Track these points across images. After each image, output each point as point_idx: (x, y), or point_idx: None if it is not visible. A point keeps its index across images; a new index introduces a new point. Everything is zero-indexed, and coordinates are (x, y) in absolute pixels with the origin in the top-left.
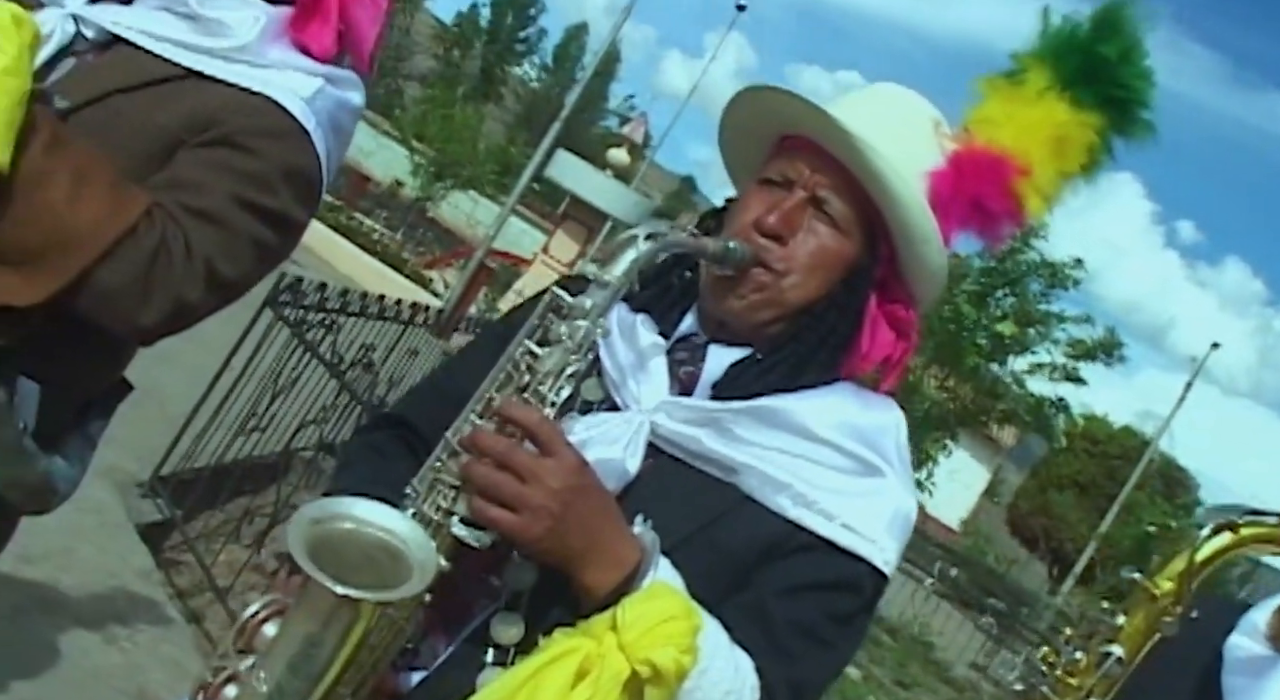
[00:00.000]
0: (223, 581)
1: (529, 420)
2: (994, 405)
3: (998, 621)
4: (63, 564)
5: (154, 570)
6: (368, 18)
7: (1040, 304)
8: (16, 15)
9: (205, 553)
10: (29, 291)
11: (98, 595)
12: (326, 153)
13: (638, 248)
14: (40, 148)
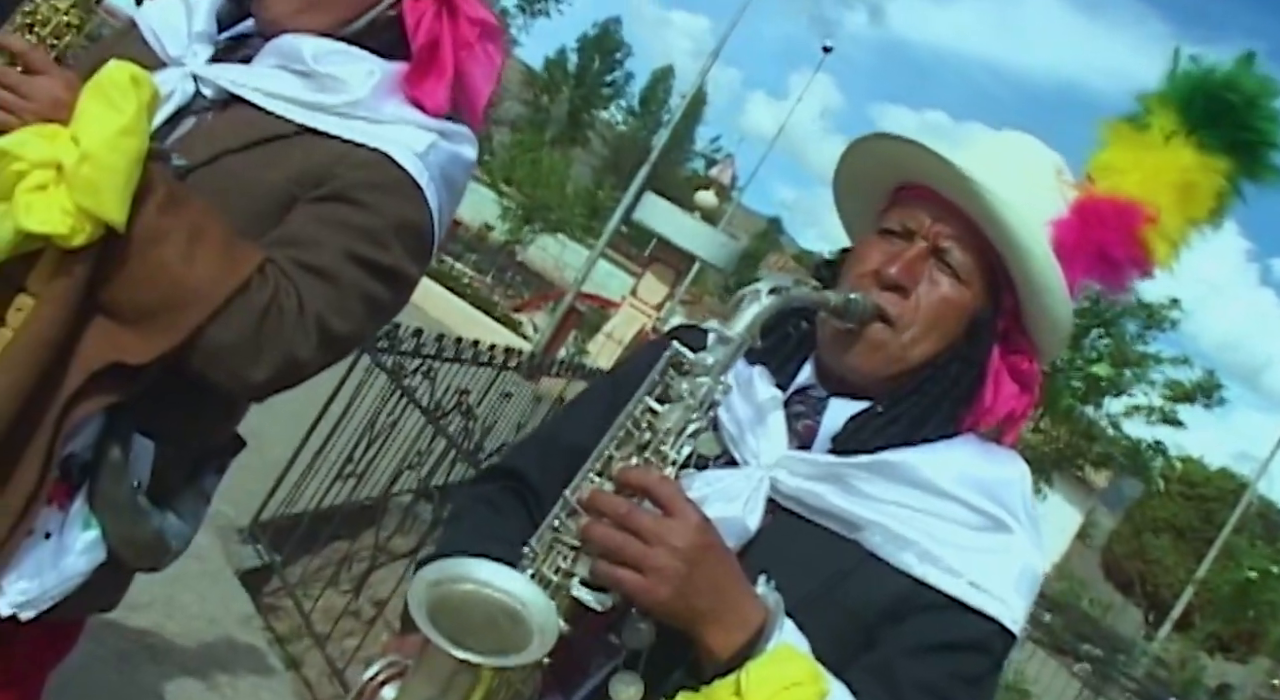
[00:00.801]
0: (321, 627)
1: (650, 481)
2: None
3: (1094, 668)
4: (166, 611)
5: (254, 616)
6: (482, 73)
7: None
8: (135, 76)
9: (303, 598)
10: (143, 349)
11: (200, 641)
12: (439, 207)
13: (760, 303)
14: (156, 206)
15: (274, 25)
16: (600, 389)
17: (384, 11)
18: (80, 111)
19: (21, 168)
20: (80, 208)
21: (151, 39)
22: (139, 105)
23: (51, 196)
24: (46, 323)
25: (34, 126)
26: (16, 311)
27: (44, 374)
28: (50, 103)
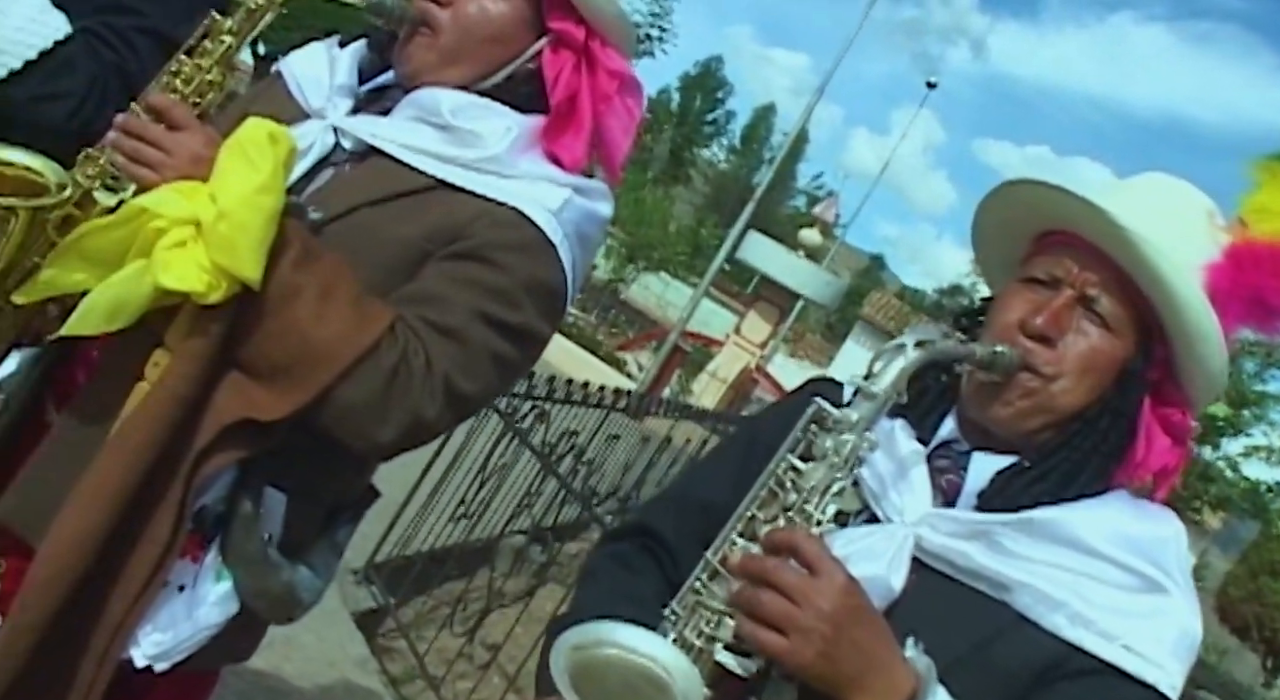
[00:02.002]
0: (435, 670)
1: (795, 541)
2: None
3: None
4: (285, 652)
5: (369, 658)
6: (620, 126)
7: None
8: (273, 133)
9: (417, 640)
10: (275, 406)
11: (317, 683)
12: (572, 264)
13: (906, 357)
14: (290, 263)
15: (414, 78)
16: (733, 444)
17: (523, 65)
18: (219, 169)
19: (161, 225)
20: (217, 265)
21: (295, 90)
22: (276, 163)
23: (189, 254)
24: (181, 377)
25: (174, 184)
26: (153, 366)
27: (178, 428)
28: (190, 159)
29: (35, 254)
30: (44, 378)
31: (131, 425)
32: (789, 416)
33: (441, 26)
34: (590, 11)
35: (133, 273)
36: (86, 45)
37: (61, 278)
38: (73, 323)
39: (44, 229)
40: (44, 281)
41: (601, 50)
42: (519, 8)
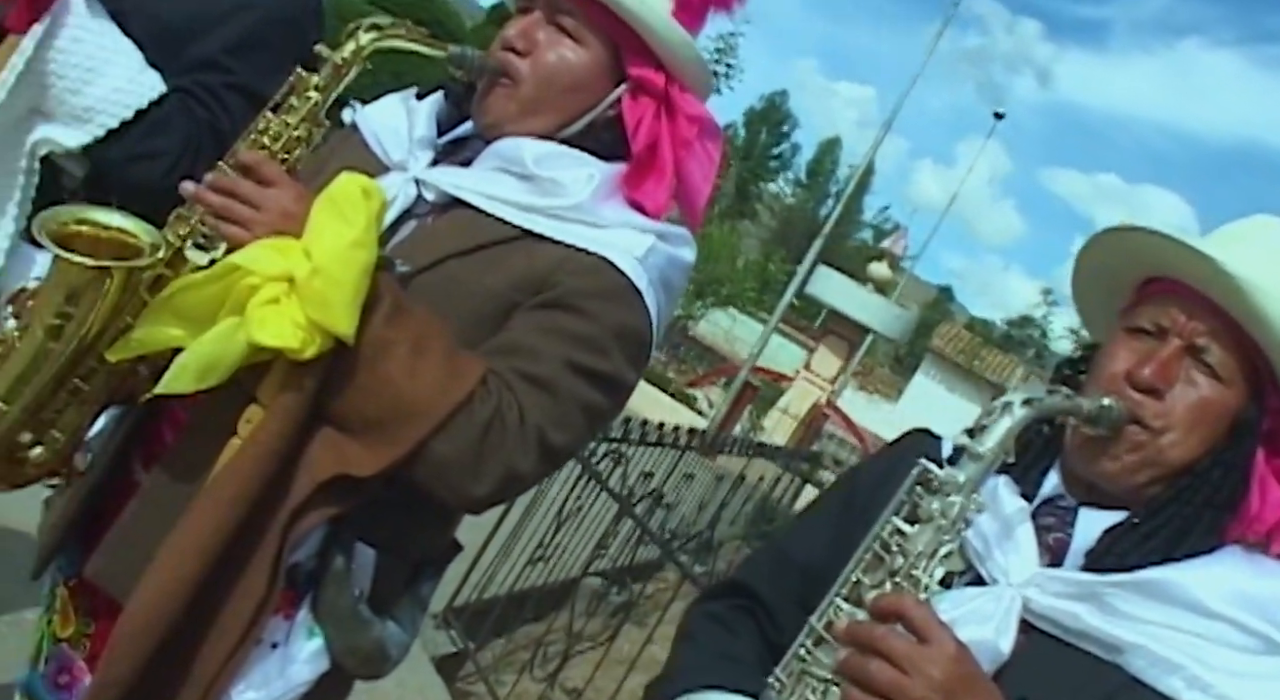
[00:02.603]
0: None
1: (904, 607)
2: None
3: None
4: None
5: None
6: (701, 171)
7: None
8: (366, 188)
9: (497, 684)
10: (368, 462)
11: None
12: (657, 310)
13: (1013, 416)
14: (382, 318)
15: (494, 128)
16: (829, 501)
17: (603, 112)
18: (312, 224)
19: (255, 281)
20: (311, 321)
21: (373, 143)
22: (369, 217)
23: (284, 310)
24: (274, 434)
25: (267, 240)
26: (246, 422)
27: (271, 484)
28: (281, 214)
29: (128, 314)
30: (130, 436)
31: (224, 479)
32: (886, 473)
33: (522, 76)
34: (669, 57)
35: (226, 330)
36: (180, 104)
37: (154, 336)
38: (167, 381)
39: (137, 289)
40: (137, 340)
41: (680, 95)
42: (598, 55)
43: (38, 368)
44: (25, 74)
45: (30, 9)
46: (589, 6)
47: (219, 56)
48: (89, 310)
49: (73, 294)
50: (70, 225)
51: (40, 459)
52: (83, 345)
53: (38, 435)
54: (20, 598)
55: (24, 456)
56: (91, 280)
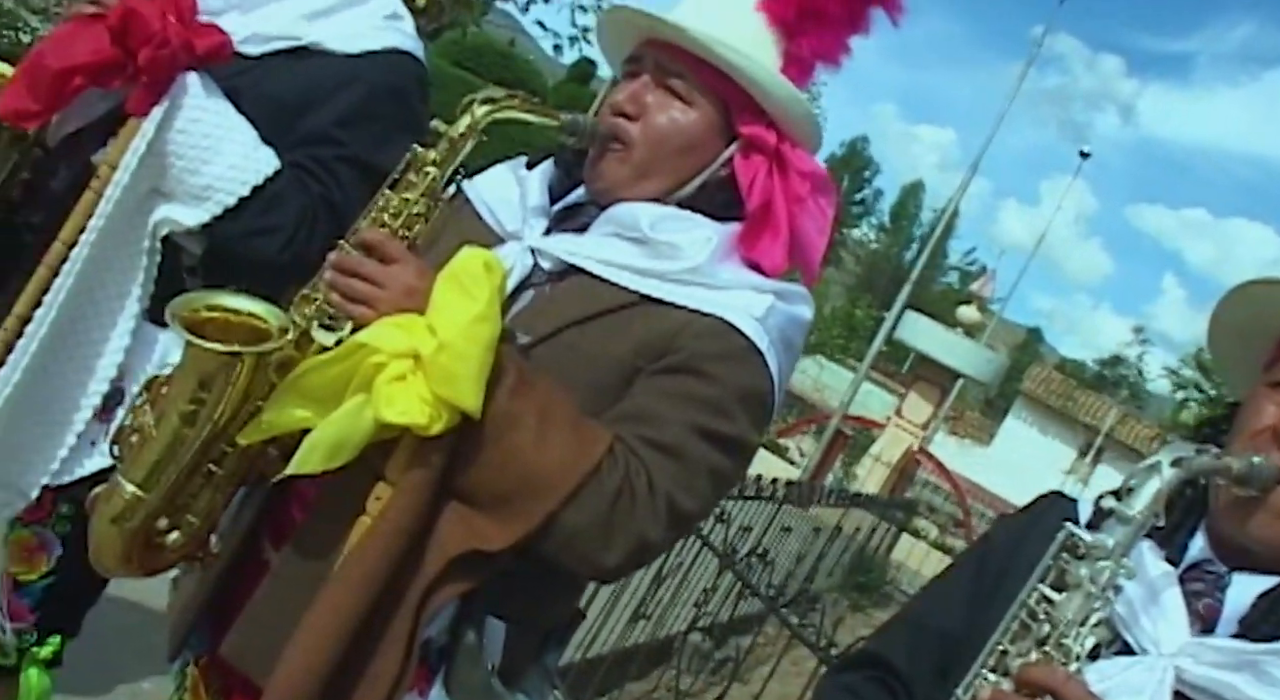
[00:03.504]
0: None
1: (1055, 681)
2: None
3: None
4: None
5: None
6: (815, 227)
7: None
8: (488, 261)
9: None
10: (499, 536)
11: None
12: (779, 371)
13: (1162, 476)
14: (508, 391)
15: (607, 194)
16: (962, 567)
17: (715, 173)
18: (435, 300)
19: (380, 359)
20: (438, 397)
21: (485, 213)
22: (492, 291)
23: (410, 387)
24: (404, 511)
25: (391, 318)
26: (375, 500)
27: (402, 561)
28: (404, 292)
29: (258, 397)
30: (260, 516)
31: (355, 559)
32: (1021, 536)
33: (633, 140)
34: (779, 114)
35: (353, 408)
36: (294, 178)
37: (284, 417)
38: (298, 461)
39: (266, 372)
40: (267, 422)
41: (792, 151)
42: (708, 116)
43: (174, 454)
44: (146, 156)
45: (150, 92)
46: (698, 67)
47: (330, 130)
48: (221, 395)
49: (205, 380)
50: (201, 312)
51: (177, 544)
52: (215, 429)
53: (174, 520)
54: (137, 669)
55: (162, 542)
56: (223, 366)
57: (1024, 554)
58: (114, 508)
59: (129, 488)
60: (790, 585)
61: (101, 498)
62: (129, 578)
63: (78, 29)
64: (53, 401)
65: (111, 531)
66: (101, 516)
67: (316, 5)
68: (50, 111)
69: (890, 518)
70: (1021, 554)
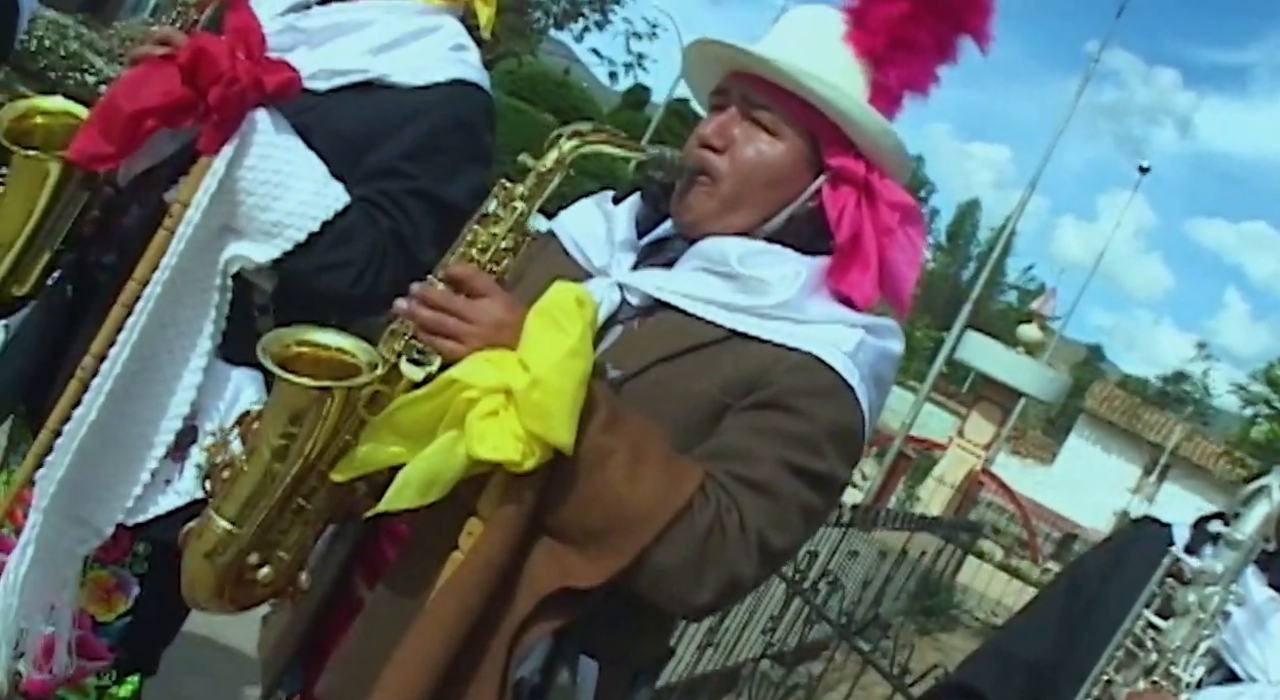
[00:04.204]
0: None
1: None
2: None
3: None
4: None
5: None
6: (906, 259)
7: None
8: (580, 296)
9: None
10: (591, 572)
11: None
12: (869, 406)
13: (1271, 500)
14: (599, 427)
15: (695, 227)
16: (1052, 596)
17: (803, 205)
18: (527, 335)
19: (472, 395)
20: (530, 433)
21: (572, 249)
22: (584, 326)
23: (502, 422)
24: (495, 547)
25: (483, 353)
26: (467, 536)
27: (494, 599)
28: (495, 326)
29: (347, 433)
30: (352, 553)
31: (446, 595)
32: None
33: (721, 173)
34: (868, 145)
35: (445, 444)
36: (363, 213)
37: (375, 454)
38: (390, 498)
39: (355, 407)
40: (359, 458)
41: (881, 182)
42: (796, 147)
43: (265, 489)
44: (218, 193)
45: (221, 130)
46: (785, 99)
47: (398, 163)
48: (311, 430)
49: (296, 415)
50: (292, 347)
51: (267, 579)
52: (306, 465)
53: (265, 556)
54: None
55: (253, 578)
56: (313, 401)
57: (1118, 582)
58: (206, 543)
59: (221, 523)
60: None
61: (194, 533)
62: (221, 613)
63: (149, 71)
64: (127, 439)
65: (204, 567)
66: (194, 552)
67: (383, 39)
68: (124, 153)
69: (955, 540)
70: (1115, 582)
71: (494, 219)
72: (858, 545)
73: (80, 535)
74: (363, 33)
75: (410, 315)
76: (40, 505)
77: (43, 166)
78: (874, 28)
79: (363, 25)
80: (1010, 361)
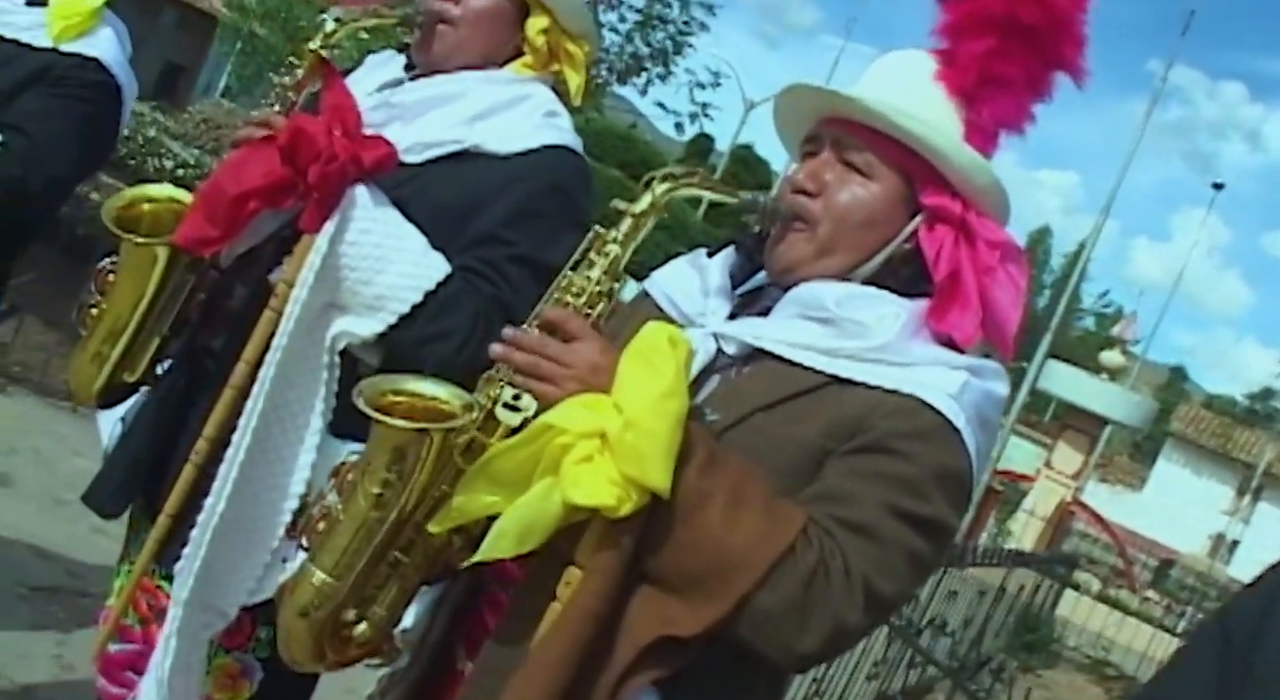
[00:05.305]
0: None
1: None
2: None
3: None
4: None
5: None
6: (1007, 298)
7: None
8: (673, 336)
9: None
10: (692, 620)
11: None
12: (976, 450)
13: None
14: (697, 469)
15: (790, 272)
16: (1203, 644)
17: (900, 246)
18: (621, 377)
19: (567, 440)
20: (626, 477)
21: (666, 304)
22: (678, 366)
23: (598, 467)
24: (593, 595)
25: (578, 397)
26: (565, 585)
27: (593, 649)
28: (589, 368)
29: (443, 483)
30: (452, 625)
31: (545, 646)
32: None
33: (815, 217)
34: (964, 183)
35: (541, 492)
36: (465, 281)
37: (472, 503)
38: (486, 548)
39: (451, 455)
40: (456, 509)
41: (978, 220)
42: (891, 188)
43: (363, 540)
44: (321, 271)
45: (322, 208)
46: (877, 141)
47: (497, 230)
48: (410, 477)
49: (393, 460)
50: (387, 396)
51: (364, 637)
52: (403, 515)
53: (361, 611)
54: None
55: (349, 634)
56: (410, 443)
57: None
58: (302, 597)
59: (318, 575)
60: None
61: (289, 588)
62: (319, 671)
63: (249, 153)
64: (250, 523)
65: (300, 624)
66: (290, 607)
67: (476, 109)
68: (229, 236)
69: (1052, 574)
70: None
71: (588, 263)
72: (955, 585)
73: (206, 620)
74: (456, 104)
75: (505, 358)
76: (180, 597)
77: (150, 253)
78: (964, 65)
79: (455, 97)
80: (1094, 389)
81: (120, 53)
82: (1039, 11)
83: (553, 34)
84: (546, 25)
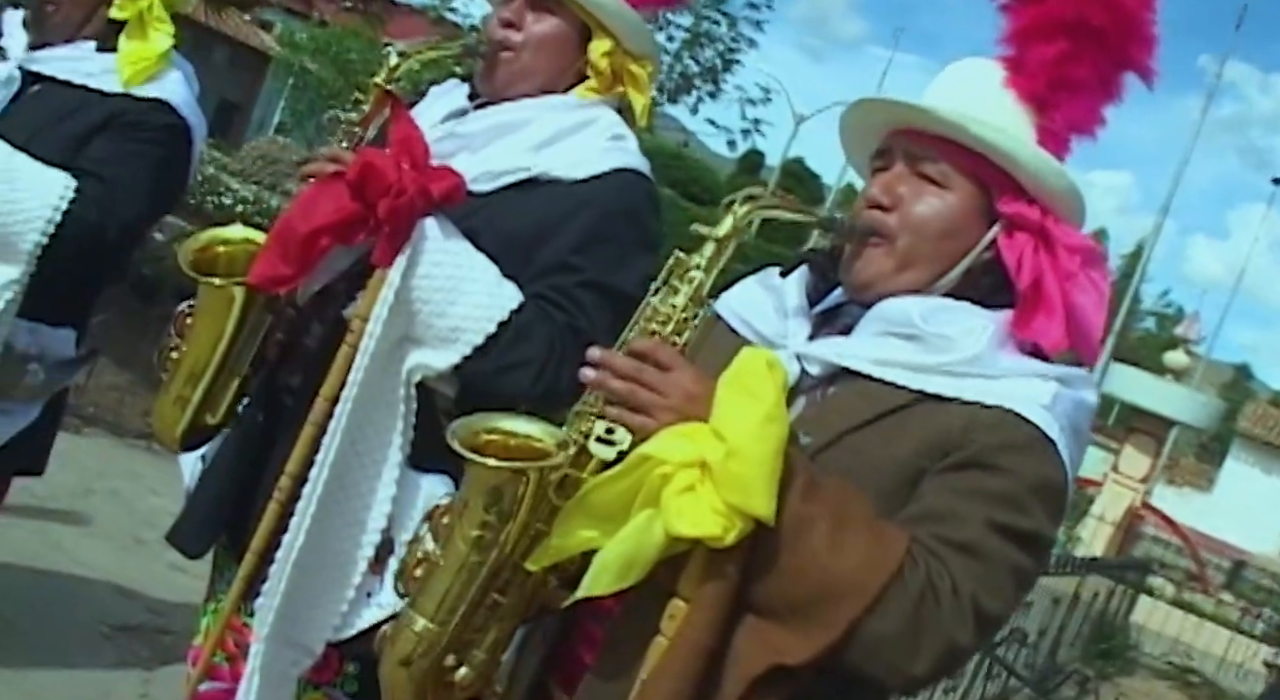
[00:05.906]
0: None
1: None
2: None
3: None
4: None
5: None
6: (1091, 303)
7: None
8: (771, 361)
9: None
10: (801, 648)
11: None
12: (1071, 460)
13: None
14: (799, 494)
15: (868, 288)
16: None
17: (979, 256)
18: (720, 404)
19: (667, 471)
20: (730, 505)
21: (740, 326)
22: (777, 391)
23: (700, 497)
24: (701, 628)
25: (674, 427)
26: (669, 619)
27: (703, 682)
28: (685, 397)
29: (539, 521)
30: (546, 662)
31: (656, 681)
32: None
33: (892, 231)
34: (1040, 189)
35: (642, 524)
36: (537, 310)
37: (570, 540)
38: (587, 584)
39: (547, 493)
40: (555, 546)
41: (1057, 226)
42: (967, 197)
43: (464, 583)
44: (395, 305)
45: (393, 241)
46: (950, 150)
47: (567, 257)
48: (507, 517)
49: (491, 501)
50: (480, 435)
51: (466, 681)
52: (501, 556)
53: (461, 656)
54: None
55: (451, 680)
56: (507, 484)
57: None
58: (404, 646)
59: (420, 621)
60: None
61: (389, 637)
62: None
63: (319, 190)
64: (332, 559)
65: (402, 674)
66: (391, 657)
67: (542, 136)
68: (302, 274)
69: (1125, 579)
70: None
71: (671, 290)
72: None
73: (293, 657)
74: (522, 132)
75: (600, 385)
76: (261, 634)
77: (227, 294)
78: (1033, 71)
79: (521, 125)
80: (1160, 390)
81: (189, 94)
82: (1107, 13)
83: (616, 56)
84: (610, 48)
